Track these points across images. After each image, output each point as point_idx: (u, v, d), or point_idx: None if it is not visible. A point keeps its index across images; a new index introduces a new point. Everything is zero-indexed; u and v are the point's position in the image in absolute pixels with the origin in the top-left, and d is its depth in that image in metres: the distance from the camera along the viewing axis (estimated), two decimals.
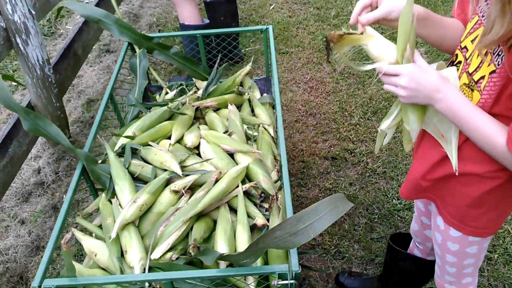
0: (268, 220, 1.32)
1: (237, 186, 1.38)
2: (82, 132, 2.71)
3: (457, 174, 0.95)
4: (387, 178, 2.24)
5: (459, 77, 0.94)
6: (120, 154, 1.52)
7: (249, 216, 1.34)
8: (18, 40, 2.03)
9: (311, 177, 2.27)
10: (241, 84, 2.04)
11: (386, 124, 1.04)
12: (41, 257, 1.15)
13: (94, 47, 3.45)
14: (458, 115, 0.86)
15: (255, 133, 1.69)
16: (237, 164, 1.49)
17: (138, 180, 1.45)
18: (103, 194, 1.42)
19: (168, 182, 1.39)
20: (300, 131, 2.56)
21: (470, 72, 0.90)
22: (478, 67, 0.88)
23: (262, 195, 1.40)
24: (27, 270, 1.95)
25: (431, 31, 1.01)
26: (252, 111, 1.88)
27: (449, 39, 1.03)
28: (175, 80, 2.13)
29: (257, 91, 2.03)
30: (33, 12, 2.09)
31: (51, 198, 2.28)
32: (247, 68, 2.05)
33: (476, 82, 0.88)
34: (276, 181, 1.45)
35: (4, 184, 1.96)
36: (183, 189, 1.35)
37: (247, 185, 1.38)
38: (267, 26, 2.00)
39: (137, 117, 1.79)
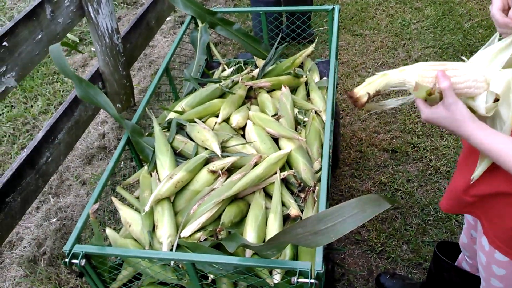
0: (302, 211, 1.27)
1: (275, 173, 1.33)
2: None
3: (471, 182, 0.91)
4: (450, 178, 2.07)
5: None
6: (168, 128, 1.54)
7: (284, 205, 1.30)
8: (90, 9, 2.10)
9: (367, 168, 2.16)
10: (302, 66, 1.98)
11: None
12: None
13: (169, 18, 3.52)
14: (492, 152, 0.80)
15: (306, 119, 1.63)
16: (280, 149, 1.45)
17: (180, 156, 1.46)
18: (145, 167, 1.45)
19: (207, 161, 1.39)
20: (362, 119, 2.44)
21: None
22: None
23: (301, 184, 1.34)
24: None
25: None
26: (308, 95, 1.82)
27: None
28: (243, 57, 2.10)
29: (316, 74, 1.95)
30: None
31: None
32: (310, 49, 1.97)
33: None
34: (317, 172, 1.39)
35: (67, 145, 2.08)
36: (221, 170, 1.34)
37: (285, 173, 1.33)
38: (334, 6, 1.90)
39: (192, 92, 1.80)
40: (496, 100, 0.81)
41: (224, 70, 1.95)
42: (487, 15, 3.18)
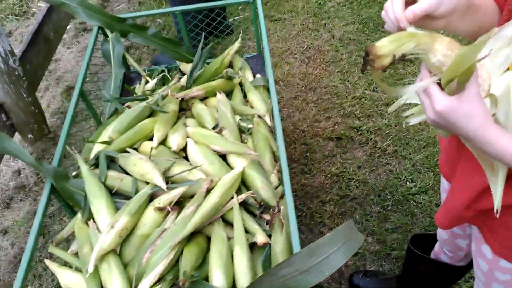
0: (270, 236, 1.15)
1: (232, 197, 1.19)
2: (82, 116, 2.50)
3: (497, 216, 0.74)
4: (399, 157, 2.06)
5: None
6: (97, 164, 1.33)
7: (247, 231, 1.17)
8: None
9: (316, 161, 2.09)
10: (231, 65, 1.83)
11: (416, 120, 0.84)
12: None
13: (69, 26, 3.20)
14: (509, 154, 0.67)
15: (250, 125, 1.50)
16: (230, 167, 1.31)
17: (118, 195, 1.27)
18: (79, 215, 1.24)
19: (151, 198, 1.21)
20: (300, 109, 2.36)
21: None
22: None
23: (262, 204, 1.22)
24: None
25: (468, 22, 0.78)
26: (245, 96, 1.68)
27: (486, 28, 0.81)
28: (163, 59, 1.90)
29: (249, 72, 1.82)
30: None
31: (33, 203, 2.11)
32: (236, 45, 1.83)
33: None
34: (277, 187, 1.27)
35: None
36: (169, 205, 1.17)
37: (243, 196, 1.20)
38: None
39: (115, 113, 1.59)
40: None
41: (147, 82, 1.75)
42: None
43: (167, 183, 1.24)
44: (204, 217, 1.13)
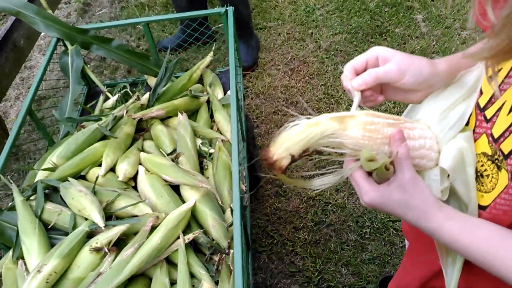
0: (217, 282, 1.03)
1: (178, 237, 1.07)
2: (31, 138, 2.38)
3: None
4: None
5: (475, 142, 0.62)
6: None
7: (194, 276, 1.05)
8: None
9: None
10: (201, 80, 1.72)
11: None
12: None
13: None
14: (472, 252, 0.56)
15: (212, 150, 1.38)
16: (183, 200, 1.19)
17: (58, 230, 1.15)
18: (10, 252, 1.12)
19: (91, 235, 1.09)
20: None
21: (495, 136, 0.58)
22: (510, 128, 0.56)
23: (213, 245, 1.10)
24: None
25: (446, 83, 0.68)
26: (212, 116, 1.57)
27: None
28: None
29: (219, 88, 1.70)
30: None
31: None
32: (208, 59, 1.72)
33: (507, 156, 0.56)
34: (231, 225, 1.15)
35: None
36: (108, 245, 1.05)
37: (191, 236, 1.08)
38: (227, 8, 1.65)
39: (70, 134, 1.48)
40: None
41: (107, 99, 1.63)
42: None
43: (109, 218, 1.13)
44: (143, 260, 1.01)
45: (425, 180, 0.62)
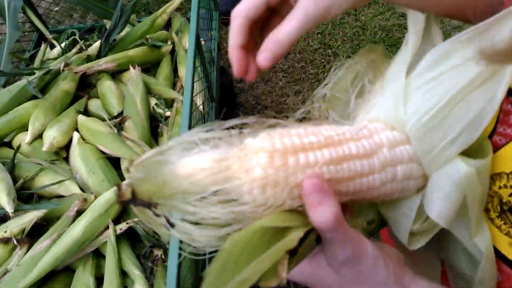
0: (153, 286, 0.84)
1: (108, 227, 0.87)
2: None
3: None
4: None
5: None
6: None
7: (126, 274, 0.86)
8: None
9: None
10: (168, 24, 1.47)
11: None
12: None
13: None
14: None
15: (168, 113, 1.16)
16: (124, 178, 0.98)
17: None
18: None
19: (3, 220, 0.90)
20: (266, 78, 1.99)
21: None
22: None
23: (155, 236, 0.90)
24: None
25: None
26: (177, 71, 1.33)
27: None
28: None
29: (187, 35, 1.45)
30: None
31: None
32: (177, 1, 1.46)
33: None
34: None
35: None
36: (21, 235, 0.86)
37: (123, 226, 0.87)
38: None
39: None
40: None
41: (52, 47, 1.39)
42: None
43: (30, 198, 0.93)
44: (59, 256, 0.82)
45: (392, 212, 0.40)
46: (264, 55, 0.38)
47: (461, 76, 0.35)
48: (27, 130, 1.08)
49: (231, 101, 1.71)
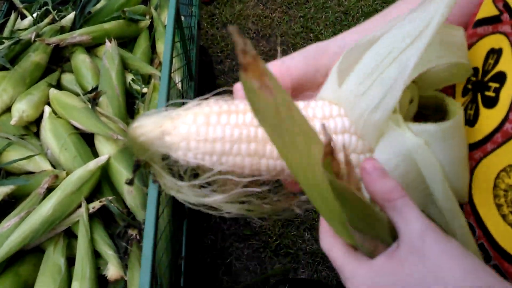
0: (127, 267, 0.81)
1: (80, 205, 0.84)
2: None
3: None
4: None
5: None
6: None
7: (99, 255, 0.83)
8: None
9: None
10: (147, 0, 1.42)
11: None
12: None
13: None
14: None
15: (145, 89, 1.12)
16: (97, 156, 0.94)
17: None
18: None
19: None
20: None
21: None
22: None
23: (130, 214, 0.87)
24: None
25: None
26: (155, 46, 1.29)
27: None
28: None
29: (167, 11, 1.40)
30: None
31: None
32: None
33: None
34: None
35: None
36: None
37: (96, 205, 0.84)
38: None
39: None
40: None
41: (22, 17, 1.33)
42: None
43: None
44: (27, 236, 0.78)
45: None
46: None
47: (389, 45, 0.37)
48: None
49: (210, 83, 1.67)
